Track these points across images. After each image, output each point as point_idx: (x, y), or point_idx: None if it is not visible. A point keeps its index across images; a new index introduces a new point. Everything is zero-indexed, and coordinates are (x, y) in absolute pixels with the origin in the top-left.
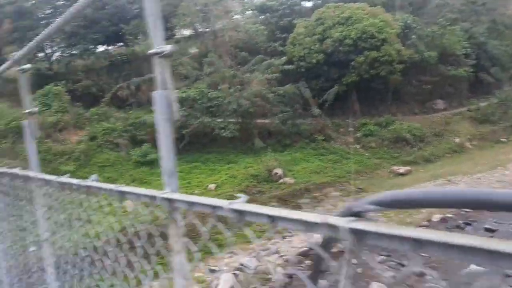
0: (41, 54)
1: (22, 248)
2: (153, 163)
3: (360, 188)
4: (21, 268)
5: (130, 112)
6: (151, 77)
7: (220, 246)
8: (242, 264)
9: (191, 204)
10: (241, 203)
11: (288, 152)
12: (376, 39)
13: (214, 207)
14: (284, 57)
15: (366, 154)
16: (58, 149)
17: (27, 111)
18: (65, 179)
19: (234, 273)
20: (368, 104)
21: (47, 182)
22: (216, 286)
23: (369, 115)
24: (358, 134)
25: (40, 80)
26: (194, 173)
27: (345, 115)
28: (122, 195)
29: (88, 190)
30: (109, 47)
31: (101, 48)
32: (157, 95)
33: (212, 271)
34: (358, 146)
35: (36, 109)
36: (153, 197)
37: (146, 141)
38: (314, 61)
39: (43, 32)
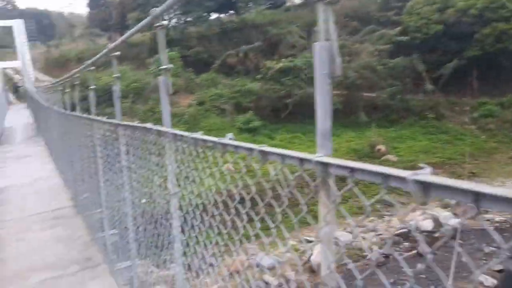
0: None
1: (149, 200)
2: (255, 131)
3: (472, 173)
4: (147, 218)
5: (237, 79)
6: (260, 45)
7: (315, 217)
8: (336, 238)
9: (353, 170)
10: (427, 175)
11: (394, 129)
12: (506, 10)
13: (387, 176)
14: (398, 28)
15: (483, 137)
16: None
17: (163, 67)
18: (199, 135)
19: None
20: (490, 82)
21: (181, 137)
22: (309, 256)
23: (490, 94)
24: (475, 114)
25: (157, 45)
26: (294, 143)
27: (461, 92)
28: (265, 155)
29: (225, 148)
30: (221, 15)
31: (213, 16)
32: (318, 47)
33: (307, 241)
34: (474, 127)
35: (171, 65)
36: (303, 160)
37: (250, 108)
38: (431, 32)
39: None
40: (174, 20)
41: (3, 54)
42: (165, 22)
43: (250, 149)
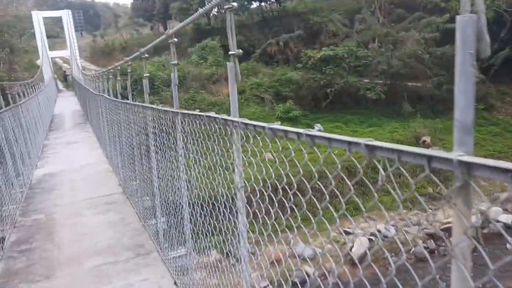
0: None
1: (209, 190)
2: (295, 120)
3: None
4: (209, 208)
5: (277, 68)
6: (300, 33)
7: (356, 209)
8: (379, 231)
9: (507, 172)
10: None
11: (440, 120)
12: None
13: None
14: (446, 15)
15: None
16: (211, 100)
17: (231, 52)
18: (277, 126)
19: (370, 239)
20: None
21: (253, 128)
22: (350, 248)
23: None
24: None
25: (199, 34)
26: (335, 133)
27: None
28: (372, 150)
29: (313, 140)
30: (262, 4)
31: (254, 5)
32: (462, 21)
33: (347, 233)
34: None
35: (240, 51)
36: (433, 158)
37: (289, 97)
38: None
39: None
40: (215, 10)
41: (53, 44)
42: (235, 4)
43: (351, 143)
